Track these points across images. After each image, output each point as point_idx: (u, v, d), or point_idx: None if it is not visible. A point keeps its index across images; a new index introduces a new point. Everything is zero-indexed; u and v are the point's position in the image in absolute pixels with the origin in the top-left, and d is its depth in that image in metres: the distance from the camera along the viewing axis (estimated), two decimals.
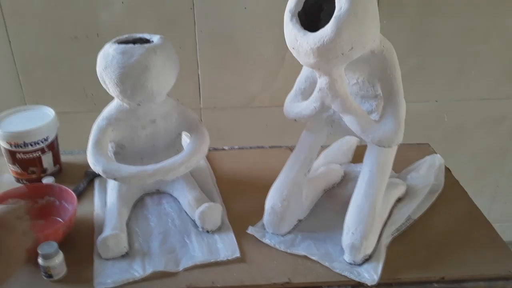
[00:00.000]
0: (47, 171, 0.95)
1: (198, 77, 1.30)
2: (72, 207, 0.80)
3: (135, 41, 0.79)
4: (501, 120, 1.51)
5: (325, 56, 0.63)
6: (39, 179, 0.92)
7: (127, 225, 0.82)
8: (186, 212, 0.85)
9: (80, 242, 0.79)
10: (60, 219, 0.83)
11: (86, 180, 0.94)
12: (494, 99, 1.47)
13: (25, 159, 0.91)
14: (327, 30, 0.60)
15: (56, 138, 0.95)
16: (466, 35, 1.34)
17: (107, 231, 0.76)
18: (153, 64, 0.74)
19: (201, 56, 1.27)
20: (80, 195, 0.90)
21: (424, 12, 1.29)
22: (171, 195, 0.90)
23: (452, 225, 0.83)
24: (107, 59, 0.74)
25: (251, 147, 1.09)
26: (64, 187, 0.83)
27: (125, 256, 0.75)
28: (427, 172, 0.91)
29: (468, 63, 1.39)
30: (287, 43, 0.67)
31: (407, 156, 0.97)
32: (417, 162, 0.96)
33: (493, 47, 1.37)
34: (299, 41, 0.64)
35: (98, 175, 0.82)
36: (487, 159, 1.58)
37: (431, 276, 0.73)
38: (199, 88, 1.32)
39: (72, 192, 0.81)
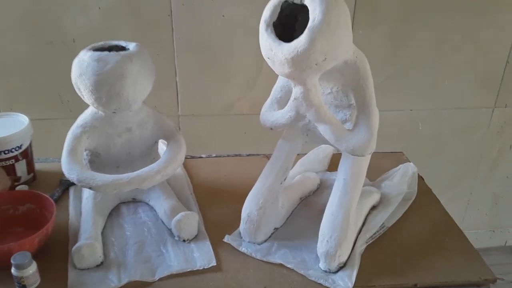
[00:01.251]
0: (21, 180, 0.93)
1: (176, 84, 1.30)
2: (50, 216, 0.79)
3: (110, 48, 0.79)
4: (474, 129, 1.55)
5: (299, 66, 0.64)
6: (12, 188, 0.91)
7: (103, 234, 0.81)
8: (162, 221, 0.85)
9: (55, 251, 0.78)
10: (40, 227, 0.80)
11: (61, 189, 0.92)
12: (467, 108, 1.50)
13: None
14: (301, 41, 0.61)
15: (30, 145, 0.94)
16: (441, 45, 1.37)
17: (82, 240, 0.75)
18: (129, 72, 0.74)
19: (179, 63, 1.27)
20: (55, 204, 0.88)
21: (399, 22, 1.32)
22: (147, 204, 0.89)
23: (425, 232, 0.85)
24: (82, 66, 0.74)
25: (228, 155, 1.09)
26: (44, 195, 0.81)
27: (100, 265, 0.75)
28: (400, 180, 0.93)
29: (442, 73, 1.42)
30: (262, 53, 0.68)
31: (381, 165, 0.99)
32: (391, 170, 0.98)
33: (466, 58, 1.40)
34: (274, 51, 0.65)
35: (73, 184, 0.81)
36: (461, 167, 1.61)
37: (404, 283, 0.74)
38: (177, 95, 1.32)
39: (52, 201, 0.80)
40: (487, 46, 1.39)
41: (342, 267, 0.75)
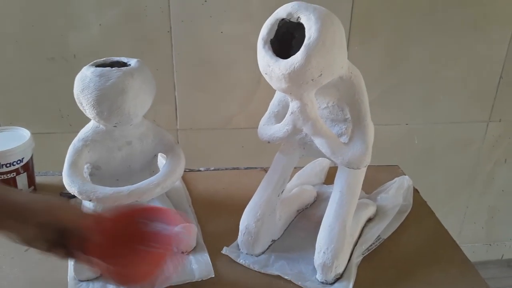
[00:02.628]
0: None
1: (175, 99, 1.32)
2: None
3: (112, 64, 0.81)
4: (469, 143, 1.57)
5: (296, 82, 0.65)
6: None
7: None
8: None
9: (54, 262, 0.78)
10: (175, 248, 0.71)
11: None
12: (462, 123, 1.52)
13: None
14: (297, 57, 0.63)
15: (31, 159, 0.95)
16: (435, 60, 1.40)
17: None
18: (130, 87, 0.76)
19: (178, 78, 1.29)
20: None
21: (395, 38, 1.35)
22: None
23: (420, 245, 0.86)
24: (84, 82, 0.75)
25: (226, 168, 1.10)
26: (183, 216, 0.75)
27: (100, 277, 0.75)
28: (396, 193, 0.94)
29: (437, 88, 1.44)
30: (260, 68, 0.70)
31: (377, 178, 1.01)
32: (387, 183, 0.99)
33: (460, 73, 1.43)
34: (271, 67, 0.67)
35: (74, 197, 0.82)
36: (457, 181, 1.63)
37: None
38: (176, 110, 1.34)
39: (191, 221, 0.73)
40: (481, 61, 1.42)
41: (338, 278, 0.75)
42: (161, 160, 0.93)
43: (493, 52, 1.42)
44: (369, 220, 0.89)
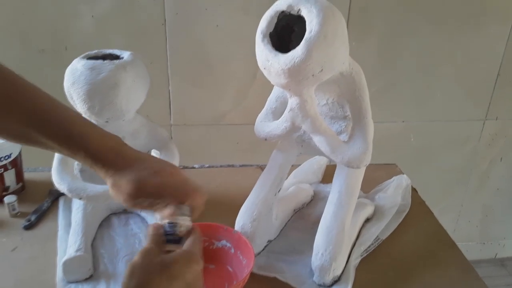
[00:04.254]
0: (9, 189, 0.91)
1: (169, 94, 1.29)
2: (247, 263, 0.70)
3: (104, 57, 0.78)
4: (465, 141, 1.56)
5: (295, 77, 0.63)
6: (1, 198, 0.89)
7: (92, 246, 0.79)
8: None
9: (43, 263, 0.76)
10: (230, 268, 0.74)
11: (50, 199, 0.91)
12: (458, 121, 1.51)
13: None
14: (297, 52, 0.61)
15: (20, 155, 0.92)
16: (432, 57, 1.38)
17: (71, 253, 0.73)
18: (123, 81, 0.73)
19: (172, 72, 1.27)
20: (44, 214, 0.87)
21: (391, 35, 1.33)
22: (138, 215, 0.88)
23: (419, 245, 0.84)
24: (75, 75, 0.72)
25: (221, 166, 1.08)
26: (244, 237, 0.73)
27: (89, 278, 0.73)
28: (394, 193, 0.92)
29: (433, 85, 1.43)
30: (258, 63, 0.67)
31: (375, 177, 0.99)
32: (385, 182, 0.97)
33: (457, 70, 1.42)
34: (270, 61, 0.64)
35: (63, 194, 0.79)
36: (452, 179, 1.62)
37: None
38: (170, 105, 1.31)
39: (251, 247, 0.71)
40: (478, 58, 1.41)
41: (336, 281, 0.73)
42: None
43: (491, 49, 1.41)
44: (367, 220, 0.87)
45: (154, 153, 0.90)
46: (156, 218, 0.82)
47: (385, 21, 1.31)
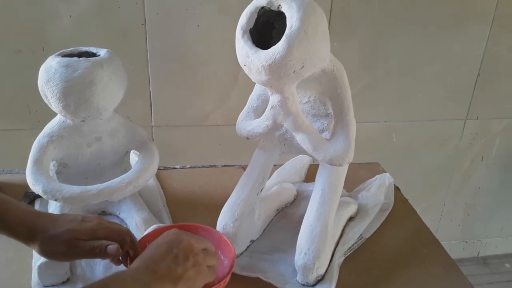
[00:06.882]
0: None
1: (150, 94, 1.27)
2: (228, 263, 0.68)
3: (80, 54, 0.76)
4: (447, 140, 1.57)
5: (276, 74, 0.62)
6: None
7: None
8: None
9: (17, 267, 0.73)
10: None
11: (26, 201, 0.88)
12: (439, 120, 1.52)
13: None
14: (278, 48, 0.60)
15: None
16: (413, 58, 1.39)
17: None
18: (99, 79, 0.71)
19: (152, 73, 1.25)
20: None
21: (373, 35, 1.33)
22: (117, 217, 0.86)
23: (402, 243, 0.84)
24: (49, 72, 0.70)
25: (203, 166, 1.07)
26: (224, 237, 0.71)
27: (66, 282, 0.70)
28: (377, 191, 0.92)
29: (415, 85, 1.44)
30: (238, 60, 0.66)
31: (358, 175, 0.99)
32: (368, 181, 0.97)
33: (438, 70, 1.42)
34: (250, 58, 0.63)
35: (39, 196, 0.77)
36: (434, 178, 1.63)
37: None
38: (151, 106, 1.29)
39: (233, 247, 0.69)
40: (459, 59, 1.42)
41: (320, 280, 0.73)
42: (133, 157, 0.89)
43: (471, 50, 1.42)
44: (351, 219, 0.86)
45: (133, 153, 0.88)
46: (135, 219, 0.81)
47: (366, 22, 1.31)
